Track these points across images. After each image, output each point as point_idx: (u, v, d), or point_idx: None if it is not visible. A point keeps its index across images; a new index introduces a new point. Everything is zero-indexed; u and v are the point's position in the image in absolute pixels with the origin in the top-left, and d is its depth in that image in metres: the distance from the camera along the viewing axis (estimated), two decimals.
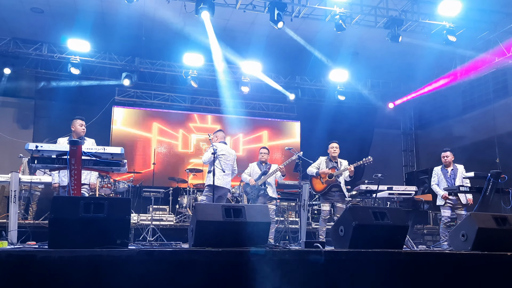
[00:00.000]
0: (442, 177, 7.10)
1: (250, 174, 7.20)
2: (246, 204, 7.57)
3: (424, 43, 9.61)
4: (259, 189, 6.94)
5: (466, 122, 11.48)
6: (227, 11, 8.82)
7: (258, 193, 6.96)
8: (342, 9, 8.45)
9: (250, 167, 7.30)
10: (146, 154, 11.54)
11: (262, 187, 6.93)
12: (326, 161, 6.91)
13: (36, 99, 11.19)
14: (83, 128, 5.65)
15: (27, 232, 5.18)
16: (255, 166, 7.25)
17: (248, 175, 7.20)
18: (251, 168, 7.27)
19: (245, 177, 7.20)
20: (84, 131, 5.65)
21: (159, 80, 11.74)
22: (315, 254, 3.46)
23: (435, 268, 3.69)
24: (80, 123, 5.66)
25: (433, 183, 7.19)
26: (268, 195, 6.94)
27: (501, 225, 4.31)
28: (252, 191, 7.02)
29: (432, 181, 7.24)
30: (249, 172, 7.24)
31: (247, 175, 7.21)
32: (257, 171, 7.14)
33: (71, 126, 5.66)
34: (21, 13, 9.29)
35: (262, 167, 7.14)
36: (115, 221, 3.46)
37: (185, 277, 3.18)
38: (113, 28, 9.55)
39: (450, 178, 7.04)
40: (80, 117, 5.72)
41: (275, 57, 10.89)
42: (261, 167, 7.14)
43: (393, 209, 4.70)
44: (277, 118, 12.90)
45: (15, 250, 3.16)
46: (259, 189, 6.94)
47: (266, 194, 6.93)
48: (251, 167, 7.29)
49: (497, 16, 9.24)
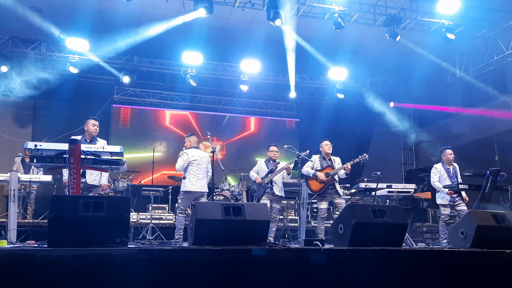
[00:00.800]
0: (445, 175, 7.06)
1: (257, 171, 7.15)
2: (245, 202, 7.57)
3: (423, 41, 9.61)
4: (265, 187, 6.89)
5: (465, 120, 11.48)
6: (226, 9, 8.81)
7: (265, 191, 6.91)
8: (341, 7, 8.45)
9: (258, 165, 7.26)
10: (145, 153, 11.53)
11: (268, 185, 6.89)
12: (320, 159, 6.90)
13: (35, 98, 11.15)
14: (96, 128, 5.70)
15: (27, 231, 5.18)
16: (263, 164, 7.19)
17: (256, 172, 7.15)
18: (259, 166, 7.23)
19: (253, 175, 7.16)
20: (96, 131, 5.69)
21: (158, 79, 11.73)
22: (314, 252, 3.46)
23: (434, 266, 3.70)
24: (92, 123, 5.70)
25: (434, 180, 7.10)
26: (275, 193, 6.88)
27: (500, 222, 4.33)
28: (258, 189, 6.98)
29: (433, 178, 7.14)
30: (257, 169, 7.20)
31: (254, 172, 7.17)
32: (264, 169, 7.09)
33: (84, 126, 5.69)
34: (19, 12, 9.25)
35: (269, 165, 7.09)
36: (114, 220, 3.46)
37: (184, 275, 3.19)
38: (112, 26, 9.53)
39: (453, 176, 7.04)
40: (94, 117, 5.77)
41: (274, 56, 10.88)
42: (269, 165, 7.09)
43: (392, 207, 4.71)
44: (276, 117, 12.91)
45: (14, 249, 3.16)
46: (265, 187, 6.89)
47: (272, 193, 6.88)
48: (259, 164, 7.25)
49: (496, 14, 9.23)
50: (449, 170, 7.07)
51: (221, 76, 11.58)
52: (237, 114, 12.63)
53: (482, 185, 6.45)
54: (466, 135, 11.22)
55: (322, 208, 6.75)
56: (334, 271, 3.47)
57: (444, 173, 7.07)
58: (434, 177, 7.11)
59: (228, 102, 12.52)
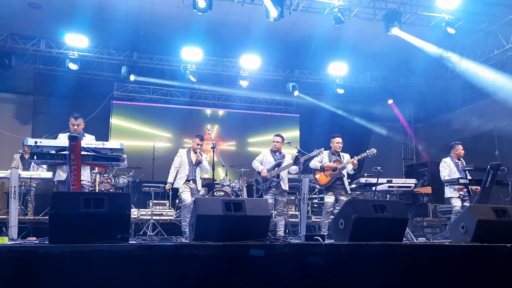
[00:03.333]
0: (455, 169, 7.10)
1: (262, 162, 6.84)
2: (246, 198, 7.54)
3: (423, 35, 9.58)
4: (271, 180, 6.66)
5: (465, 115, 11.47)
6: (226, 4, 8.77)
7: (271, 184, 6.66)
8: (340, 2, 8.42)
9: (263, 154, 6.93)
10: (145, 149, 11.53)
11: (275, 179, 6.64)
12: (328, 155, 6.89)
13: (35, 95, 11.16)
14: (75, 127, 5.47)
15: (28, 228, 5.19)
16: (268, 155, 6.84)
17: (260, 163, 6.83)
18: (263, 156, 6.90)
19: (257, 165, 6.80)
20: (76, 130, 5.46)
21: (157, 75, 11.71)
22: (315, 247, 3.47)
23: (434, 260, 3.70)
24: (71, 122, 5.51)
25: (444, 175, 7.06)
26: (281, 187, 6.69)
27: (501, 217, 4.33)
28: (264, 181, 6.70)
29: (443, 173, 7.10)
30: (261, 159, 6.87)
31: (258, 163, 6.83)
32: (270, 161, 6.78)
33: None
34: (18, 9, 9.24)
35: (276, 157, 6.81)
36: (115, 216, 3.46)
37: (186, 271, 3.19)
38: (111, 22, 9.50)
39: (461, 170, 7.11)
40: (75, 115, 5.53)
41: (274, 51, 10.86)
42: (275, 157, 6.81)
43: (393, 202, 4.71)
44: (277, 112, 12.90)
45: (16, 245, 3.16)
46: (271, 180, 6.66)
47: (279, 186, 6.68)
48: (264, 154, 6.92)
49: (496, 8, 9.20)
50: (458, 164, 7.14)
51: (221, 71, 11.56)
52: (237, 110, 12.62)
53: (482, 179, 6.45)
54: (467, 130, 11.21)
55: (327, 202, 6.71)
56: (335, 266, 3.48)
57: (453, 166, 7.13)
58: (444, 172, 7.11)
59: (228, 98, 12.50)
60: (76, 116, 5.54)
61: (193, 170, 6.61)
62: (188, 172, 6.55)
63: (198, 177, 6.66)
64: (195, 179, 6.61)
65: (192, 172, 6.60)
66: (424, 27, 9.37)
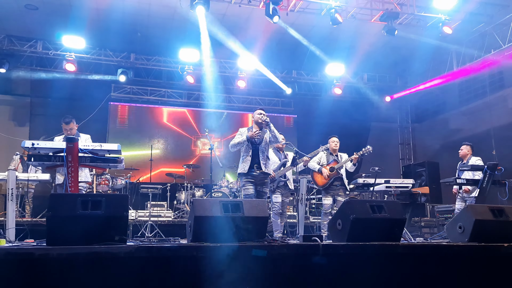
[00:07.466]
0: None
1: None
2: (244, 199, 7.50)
3: (420, 36, 9.60)
4: (279, 180, 6.45)
5: (462, 115, 11.50)
6: (223, 5, 8.78)
7: (278, 184, 6.47)
8: (337, 3, 8.44)
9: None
10: (143, 150, 11.52)
11: (282, 178, 6.47)
12: (326, 155, 6.88)
13: (32, 96, 11.14)
14: (68, 132, 5.45)
15: (25, 230, 5.17)
16: (272, 154, 6.47)
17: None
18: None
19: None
20: (69, 134, 5.40)
21: (155, 76, 11.71)
22: (313, 248, 3.47)
23: (432, 260, 3.71)
24: (64, 127, 5.49)
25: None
26: (288, 187, 6.56)
27: (498, 216, 4.33)
28: (271, 182, 6.30)
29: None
30: None
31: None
32: (274, 160, 6.48)
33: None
34: (15, 10, 9.22)
35: (280, 156, 6.61)
36: (113, 218, 3.45)
37: (184, 272, 3.19)
38: (108, 24, 9.49)
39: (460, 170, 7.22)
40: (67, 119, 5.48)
41: (271, 52, 10.87)
42: (279, 156, 6.61)
43: (391, 202, 4.71)
44: (274, 113, 12.89)
45: (13, 248, 3.15)
46: (279, 180, 6.45)
47: (286, 186, 6.52)
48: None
49: (492, 8, 9.23)
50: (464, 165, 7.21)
51: (218, 73, 11.55)
52: (235, 111, 12.62)
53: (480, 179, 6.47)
54: (464, 130, 11.25)
55: (325, 203, 6.71)
56: (332, 266, 3.48)
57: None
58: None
59: (226, 99, 12.49)
60: (67, 121, 5.49)
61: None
62: None
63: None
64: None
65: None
66: (421, 27, 9.39)
